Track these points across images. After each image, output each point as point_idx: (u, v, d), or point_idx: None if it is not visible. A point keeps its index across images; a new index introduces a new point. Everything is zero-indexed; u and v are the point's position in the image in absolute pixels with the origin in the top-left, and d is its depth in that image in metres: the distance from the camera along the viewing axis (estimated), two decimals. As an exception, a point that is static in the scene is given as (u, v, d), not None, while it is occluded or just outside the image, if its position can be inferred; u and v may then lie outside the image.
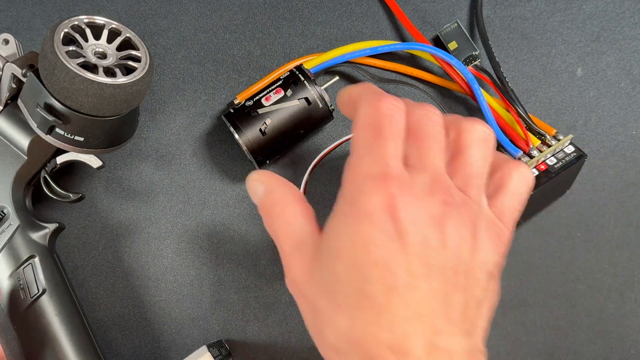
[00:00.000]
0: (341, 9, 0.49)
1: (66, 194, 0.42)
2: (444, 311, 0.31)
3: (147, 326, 0.46)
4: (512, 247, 0.46)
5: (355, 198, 0.31)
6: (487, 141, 0.34)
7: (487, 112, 0.44)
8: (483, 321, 0.33)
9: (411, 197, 0.31)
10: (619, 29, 0.49)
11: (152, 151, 0.47)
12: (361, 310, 0.31)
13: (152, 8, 0.49)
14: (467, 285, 0.32)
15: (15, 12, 0.49)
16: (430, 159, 0.33)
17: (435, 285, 0.31)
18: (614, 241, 0.46)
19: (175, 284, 0.46)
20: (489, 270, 0.33)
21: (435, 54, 0.45)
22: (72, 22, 0.39)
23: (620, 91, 0.48)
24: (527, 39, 0.49)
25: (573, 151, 0.44)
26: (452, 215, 0.32)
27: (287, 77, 0.44)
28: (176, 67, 0.48)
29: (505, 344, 0.46)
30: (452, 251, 0.31)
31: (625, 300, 0.46)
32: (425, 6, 0.49)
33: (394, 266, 0.30)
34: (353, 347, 0.31)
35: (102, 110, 0.38)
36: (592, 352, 0.45)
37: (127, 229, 0.47)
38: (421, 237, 0.31)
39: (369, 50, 0.46)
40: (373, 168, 0.32)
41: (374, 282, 0.30)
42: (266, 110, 0.42)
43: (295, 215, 0.35)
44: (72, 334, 0.40)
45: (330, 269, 0.32)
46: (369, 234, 0.31)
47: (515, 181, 0.35)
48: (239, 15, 0.49)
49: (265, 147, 0.43)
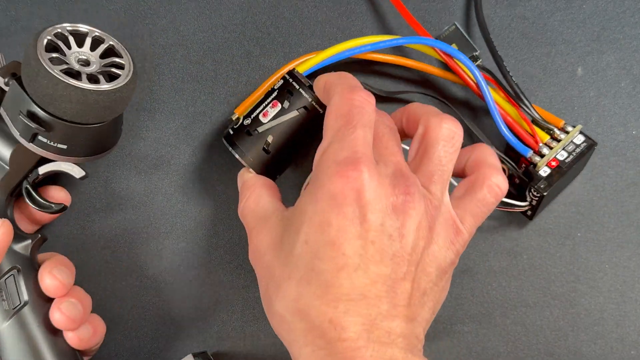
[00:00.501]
0: (341, 8, 0.49)
1: (48, 204, 0.41)
2: (390, 296, 0.32)
3: (146, 327, 0.46)
4: (512, 247, 0.46)
5: (323, 181, 0.33)
6: (453, 139, 0.36)
7: (494, 111, 0.43)
8: (425, 312, 0.34)
9: (375, 184, 0.33)
10: (620, 29, 0.49)
11: (151, 151, 0.47)
12: (309, 284, 0.32)
13: (152, 7, 0.49)
14: (415, 276, 0.34)
15: (14, 12, 0.48)
16: (389, 155, 0.35)
17: (385, 271, 0.32)
18: (614, 241, 0.46)
19: (174, 284, 0.46)
20: (439, 265, 0.35)
21: (441, 47, 0.44)
22: (56, 29, 0.39)
23: (621, 91, 0.48)
24: (527, 39, 0.49)
25: (583, 141, 0.44)
26: (413, 207, 0.33)
27: (282, 86, 0.41)
28: (175, 66, 0.48)
29: (505, 344, 0.46)
30: (407, 241, 0.33)
31: (626, 300, 0.46)
32: (425, 5, 0.49)
33: (347, 248, 0.32)
34: (297, 316, 0.33)
35: (85, 117, 0.38)
36: (592, 352, 0.45)
37: (126, 230, 0.47)
38: (379, 224, 0.32)
39: (370, 47, 0.45)
40: (341, 153, 0.33)
41: (325, 260, 0.32)
42: (266, 128, 0.40)
43: (262, 195, 0.38)
44: (54, 345, 0.40)
45: (288, 242, 0.34)
46: (328, 215, 0.33)
47: (485, 190, 0.36)
48: (238, 15, 0.49)
49: (272, 165, 0.41)
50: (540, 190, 0.43)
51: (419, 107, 0.38)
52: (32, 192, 0.41)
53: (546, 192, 0.43)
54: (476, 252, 0.46)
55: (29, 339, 0.39)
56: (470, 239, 0.36)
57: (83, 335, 0.40)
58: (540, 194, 0.43)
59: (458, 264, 0.46)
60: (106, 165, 0.47)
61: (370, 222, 0.32)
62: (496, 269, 0.46)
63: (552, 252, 0.46)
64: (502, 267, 0.46)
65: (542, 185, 0.43)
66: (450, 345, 0.46)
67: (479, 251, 0.46)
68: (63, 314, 0.39)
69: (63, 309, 0.39)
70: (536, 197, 0.43)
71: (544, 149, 0.44)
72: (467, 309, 0.46)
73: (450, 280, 0.37)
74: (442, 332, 0.46)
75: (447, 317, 0.46)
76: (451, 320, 0.46)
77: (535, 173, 0.43)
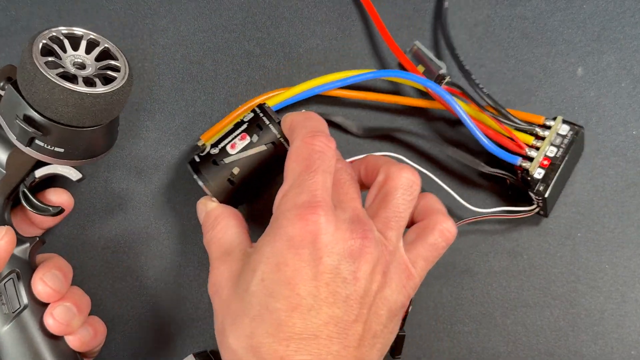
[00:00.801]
0: (341, 9, 0.49)
1: (45, 207, 0.41)
2: (341, 337, 0.33)
3: (146, 327, 0.46)
4: (512, 247, 0.46)
5: (281, 223, 0.35)
6: (411, 187, 0.37)
7: (472, 128, 0.43)
8: (374, 354, 0.36)
9: (332, 228, 0.34)
10: (620, 29, 0.49)
11: (151, 151, 0.47)
12: (262, 322, 0.33)
13: (152, 7, 0.49)
14: (368, 318, 0.35)
15: (14, 12, 0.48)
16: (348, 202, 0.36)
17: (338, 313, 0.34)
18: (614, 241, 0.46)
19: (174, 285, 0.46)
20: (390, 308, 0.36)
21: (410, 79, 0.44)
22: (51, 33, 0.39)
23: (621, 91, 0.48)
24: (528, 39, 0.49)
25: (569, 130, 0.44)
26: (368, 252, 0.34)
27: (252, 119, 0.41)
28: (175, 66, 0.48)
29: (505, 344, 0.46)
30: (361, 285, 0.34)
31: (626, 300, 0.46)
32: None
33: (301, 288, 0.33)
34: (249, 352, 0.34)
35: (82, 120, 0.38)
36: (592, 352, 0.45)
37: (126, 230, 0.47)
38: (335, 267, 0.34)
39: (339, 83, 0.45)
40: (301, 197, 0.35)
41: (279, 299, 0.33)
42: (233, 159, 0.41)
43: (228, 228, 0.39)
44: (55, 348, 0.40)
45: (245, 280, 0.35)
46: (283, 256, 0.34)
47: (436, 235, 0.38)
48: (238, 15, 0.49)
49: (235, 196, 0.41)
50: (540, 194, 0.43)
51: (379, 158, 0.40)
52: (29, 195, 0.41)
53: (547, 194, 0.43)
54: (476, 252, 0.46)
55: (29, 343, 0.39)
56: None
57: (84, 337, 0.41)
58: (541, 197, 0.43)
59: (458, 264, 0.46)
60: (106, 166, 0.47)
61: (325, 265, 0.33)
62: (496, 269, 0.46)
63: (552, 252, 0.46)
64: (502, 268, 0.46)
65: (541, 188, 0.43)
66: (450, 345, 0.46)
67: (479, 251, 0.46)
68: (56, 320, 0.40)
69: (55, 315, 0.40)
70: (540, 199, 0.43)
71: (531, 152, 0.44)
72: (467, 309, 0.46)
73: (398, 325, 0.38)
74: (442, 332, 0.46)
75: (447, 317, 0.46)
76: (451, 320, 0.46)
77: (530, 178, 0.43)
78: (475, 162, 0.44)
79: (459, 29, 0.49)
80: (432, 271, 0.46)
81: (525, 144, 0.44)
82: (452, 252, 0.46)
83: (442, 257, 0.46)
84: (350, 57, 0.49)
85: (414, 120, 0.48)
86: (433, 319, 0.46)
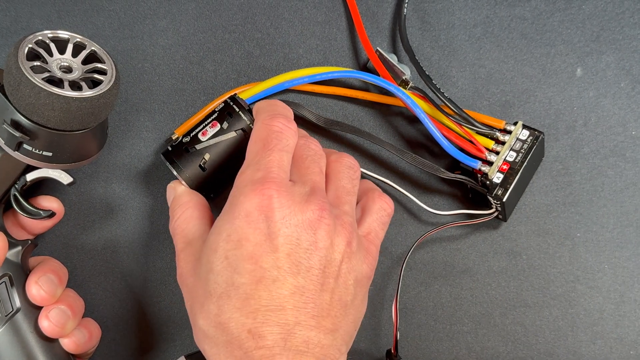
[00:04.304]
0: (341, 9, 0.49)
1: (37, 211, 0.41)
2: (308, 307, 0.34)
3: (146, 327, 0.46)
4: (511, 247, 0.46)
5: (237, 199, 0.36)
6: (353, 168, 0.40)
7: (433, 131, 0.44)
8: (348, 325, 0.36)
9: (288, 201, 0.35)
10: (619, 29, 0.49)
11: (151, 152, 0.47)
12: (228, 298, 0.34)
13: (151, 8, 0.49)
14: (335, 288, 0.35)
15: (14, 12, 0.48)
16: (309, 175, 0.38)
17: (302, 282, 0.34)
18: (613, 241, 0.46)
19: (175, 284, 0.46)
20: (357, 278, 0.37)
21: (373, 81, 0.45)
22: (36, 37, 0.39)
23: (620, 91, 0.48)
24: (527, 39, 0.49)
25: (528, 135, 0.44)
26: (327, 222, 0.36)
27: (222, 108, 0.42)
28: (175, 67, 0.48)
29: (504, 344, 0.46)
30: (322, 253, 0.35)
31: (625, 300, 0.46)
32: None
33: (264, 261, 0.34)
34: (218, 330, 0.34)
35: (69, 124, 0.38)
36: (591, 352, 0.45)
37: (126, 230, 0.47)
38: (295, 238, 0.35)
39: (307, 79, 0.46)
40: (256, 174, 0.36)
41: (243, 274, 0.34)
42: (204, 146, 0.41)
43: (193, 217, 0.40)
44: (49, 350, 0.40)
45: (207, 261, 0.36)
46: (243, 231, 0.34)
47: (377, 207, 0.40)
48: (238, 15, 0.49)
49: (207, 182, 0.42)
50: (498, 198, 0.43)
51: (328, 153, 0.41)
52: (21, 199, 0.41)
53: (505, 198, 0.43)
54: (476, 252, 0.47)
55: (23, 346, 0.39)
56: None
57: (79, 340, 0.41)
58: (500, 201, 0.43)
59: (457, 264, 0.46)
60: (106, 166, 0.47)
61: (285, 236, 0.34)
62: (496, 269, 0.46)
63: (552, 253, 0.46)
64: (501, 268, 0.46)
65: (499, 192, 0.43)
66: (450, 345, 0.46)
67: (478, 251, 0.47)
68: (51, 322, 0.40)
69: (51, 317, 0.40)
70: (498, 204, 0.43)
71: (491, 156, 0.44)
72: (466, 309, 0.46)
73: (367, 297, 0.39)
74: (441, 332, 0.46)
75: (446, 317, 0.46)
76: (451, 320, 0.46)
77: (489, 182, 0.43)
78: (434, 168, 0.44)
79: (458, 29, 0.49)
80: (432, 271, 0.46)
81: (485, 147, 0.44)
82: (452, 252, 0.47)
83: (442, 257, 0.47)
84: (350, 57, 0.49)
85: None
86: (432, 319, 0.46)
